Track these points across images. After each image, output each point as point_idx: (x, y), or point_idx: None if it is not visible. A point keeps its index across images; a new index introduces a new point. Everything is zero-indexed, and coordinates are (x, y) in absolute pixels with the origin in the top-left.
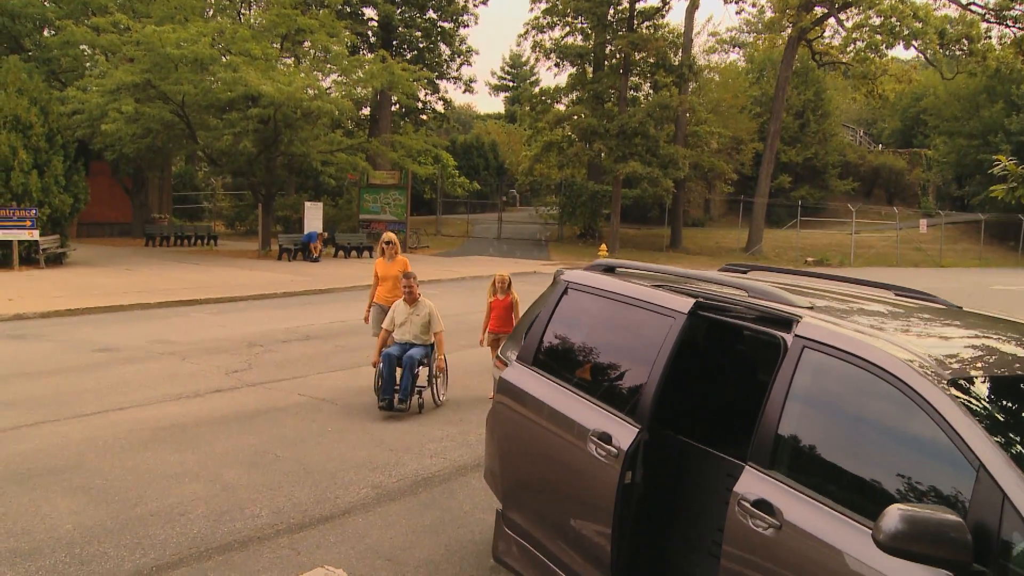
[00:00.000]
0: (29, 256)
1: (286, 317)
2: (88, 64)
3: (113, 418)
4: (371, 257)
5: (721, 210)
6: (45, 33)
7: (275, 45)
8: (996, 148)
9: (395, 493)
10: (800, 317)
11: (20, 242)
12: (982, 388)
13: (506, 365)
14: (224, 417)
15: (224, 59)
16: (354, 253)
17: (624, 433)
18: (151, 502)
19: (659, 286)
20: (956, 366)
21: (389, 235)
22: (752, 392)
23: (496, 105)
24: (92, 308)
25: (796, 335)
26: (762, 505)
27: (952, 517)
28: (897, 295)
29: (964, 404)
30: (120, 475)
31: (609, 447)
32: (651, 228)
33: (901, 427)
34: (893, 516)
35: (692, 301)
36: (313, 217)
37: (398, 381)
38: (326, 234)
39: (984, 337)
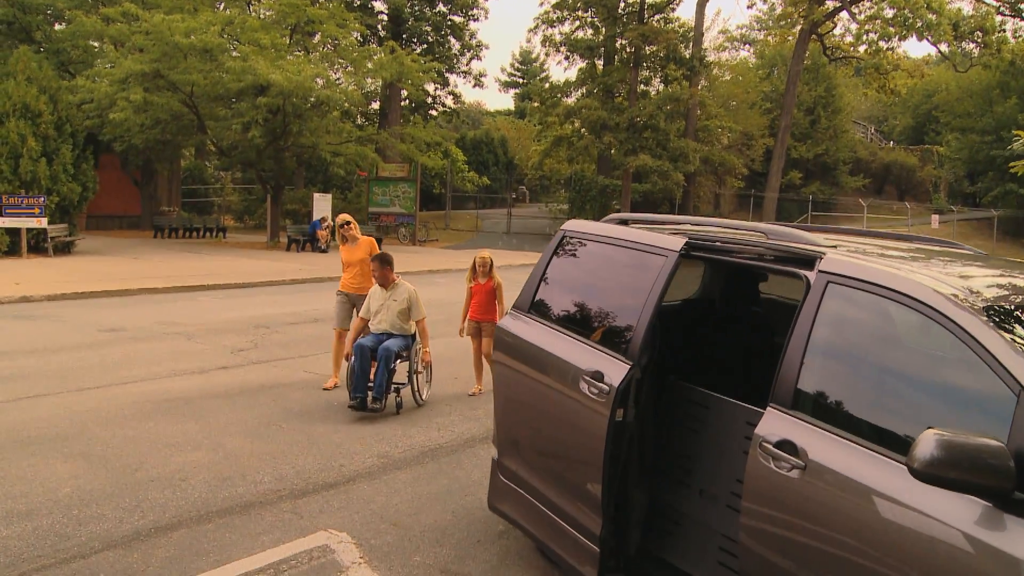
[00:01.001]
0: (38, 245)
1: (294, 302)
2: (98, 57)
3: (116, 391)
4: (380, 249)
5: (731, 205)
6: (56, 27)
7: (285, 39)
8: (1009, 144)
9: (401, 462)
10: (823, 253)
11: (28, 230)
12: (1017, 317)
13: None
14: (228, 391)
15: (233, 50)
16: None
17: (616, 370)
18: (151, 468)
19: (673, 234)
20: (989, 296)
21: (344, 216)
22: (768, 354)
23: (506, 102)
24: (99, 292)
25: (820, 271)
26: (785, 446)
27: (993, 442)
28: (919, 244)
29: (1001, 330)
30: (121, 443)
31: (601, 385)
32: None
33: (934, 357)
34: (929, 441)
35: (684, 240)
36: (321, 209)
37: (372, 377)
38: (330, 222)
39: (1010, 276)
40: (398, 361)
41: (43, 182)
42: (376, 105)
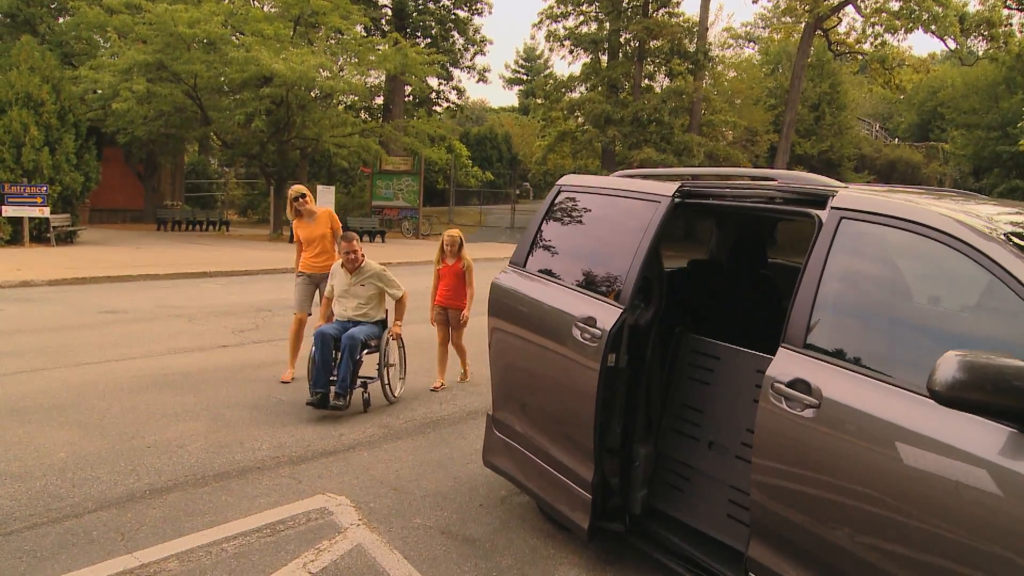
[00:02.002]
0: (40, 235)
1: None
2: (101, 48)
3: (114, 366)
4: (383, 241)
5: None
6: (60, 21)
7: (288, 30)
8: (1016, 139)
9: (403, 432)
10: (835, 191)
11: (30, 219)
12: None
13: None
14: (229, 367)
15: (237, 42)
16: (366, 237)
17: (608, 315)
18: (148, 436)
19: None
20: (1008, 226)
21: (298, 188)
22: (776, 317)
23: (510, 99)
24: (100, 277)
25: (832, 207)
26: (798, 385)
27: (1017, 362)
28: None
29: None
30: (118, 413)
31: (593, 330)
32: None
33: (955, 286)
34: (950, 363)
35: (676, 185)
36: (325, 201)
37: (335, 369)
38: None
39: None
40: (365, 352)
41: (45, 171)
42: (380, 100)
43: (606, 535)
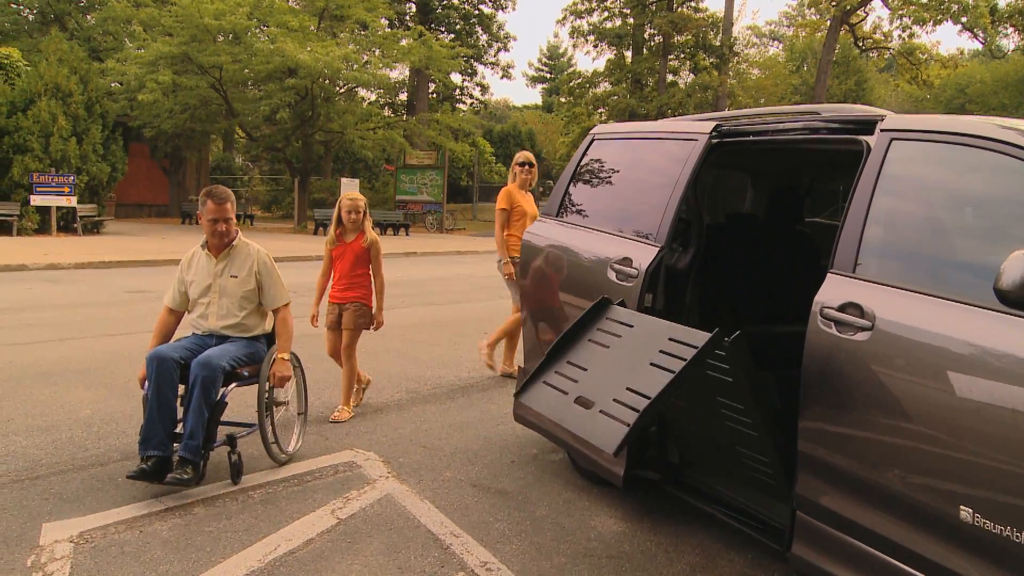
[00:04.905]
0: (67, 225)
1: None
2: (128, 40)
3: (141, 338)
4: (407, 235)
5: None
6: (88, 17)
7: (313, 28)
8: None
9: (430, 397)
10: (883, 115)
11: (58, 208)
12: None
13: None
14: None
15: (262, 33)
16: (390, 230)
17: (644, 254)
18: None
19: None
20: None
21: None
22: (810, 272)
23: (533, 96)
24: (125, 261)
25: (882, 130)
26: (850, 309)
27: None
28: None
29: None
30: None
31: (629, 270)
32: None
33: (1016, 198)
34: (1019, 262)
35: (713, 124)
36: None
37: (180, 417)
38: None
39: None
40: (233, 386)
41: (73, 161)
42: (404, 96)
43: (643, 485)
